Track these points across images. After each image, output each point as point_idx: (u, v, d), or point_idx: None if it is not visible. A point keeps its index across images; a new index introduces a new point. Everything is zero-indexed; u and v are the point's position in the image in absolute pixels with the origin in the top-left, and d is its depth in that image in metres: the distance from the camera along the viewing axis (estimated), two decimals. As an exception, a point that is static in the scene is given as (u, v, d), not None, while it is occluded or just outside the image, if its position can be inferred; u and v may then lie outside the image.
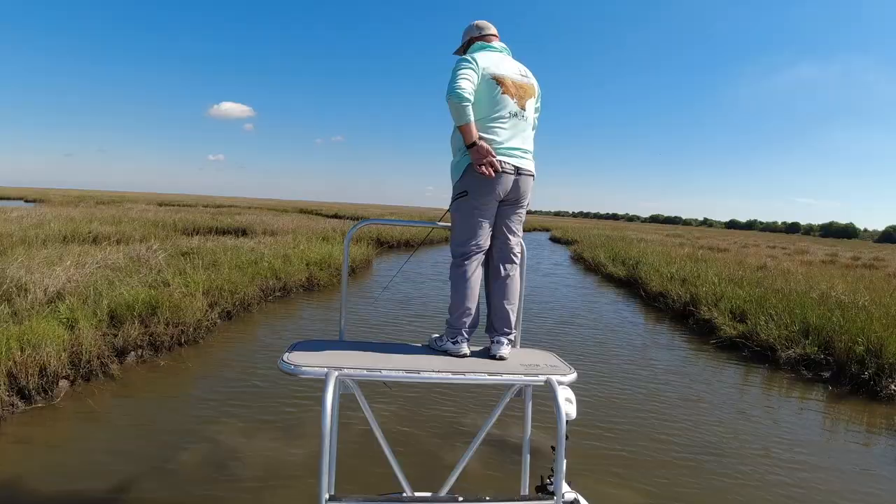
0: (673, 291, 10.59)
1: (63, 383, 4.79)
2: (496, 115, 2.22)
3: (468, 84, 2.13)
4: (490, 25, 2.45)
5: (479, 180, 2.19)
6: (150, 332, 5.66)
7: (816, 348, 7.09)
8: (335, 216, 38.61)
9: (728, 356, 7.58)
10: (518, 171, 2.26)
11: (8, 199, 45.35)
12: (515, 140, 2.26)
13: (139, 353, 5.54)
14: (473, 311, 2.28)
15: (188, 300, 6.35)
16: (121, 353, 5.36)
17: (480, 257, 2.32)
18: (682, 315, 9.88)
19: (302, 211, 45.26)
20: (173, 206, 36.99)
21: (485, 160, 2.14)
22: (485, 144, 2.15)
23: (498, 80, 2.22)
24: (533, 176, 2.34)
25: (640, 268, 14.01)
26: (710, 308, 9.02)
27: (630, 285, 13.68)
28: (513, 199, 2.31)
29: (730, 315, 8.64)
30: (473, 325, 2.30)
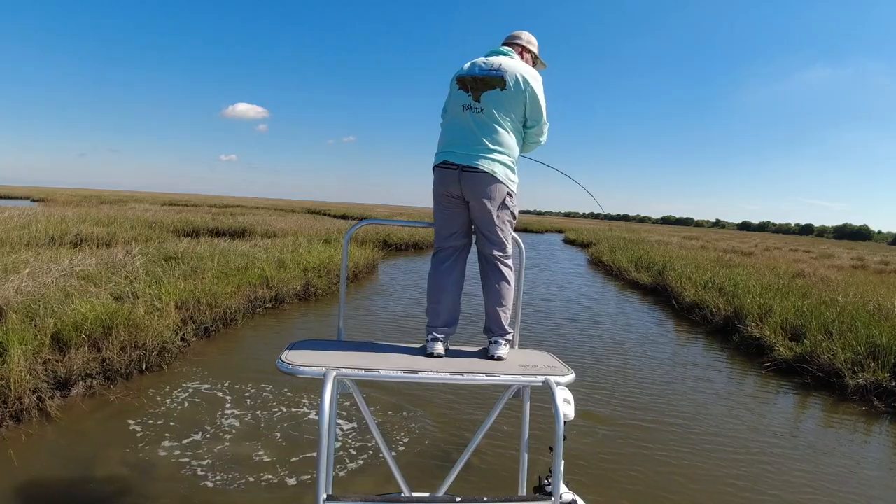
0: (710, 302, 9.49)
1: (-13, 425, 3.89)
2: (449, 113, 2.29)
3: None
4: (510, 35, 2.47)
5: (434, 179, 2.26)
6: (102, 358, 4.72)
7: (888, 374, 6.05)
8: (343, 217, 37.88)
9: (781, 381, 6.54)
10: (462, 168, 2.17)
11: (16, 197, 45.08)
12: (464, 134, 2.20)
13: (88, 384, 4.60)
14: (442, 310, 2.25)
15: (153, 317, 5.41)
16: (64, 385, 4.44)
17: (452, 254, 2.31)
18: (722, 330, 8.81)
19: (310, 211, 44.66)
20: (178, 205, 36.33)
21: None
22: None
23: (458, 81, 2.26)
24: (486, 173, 2.16)
25: (668, 274, 12.90)
26: (759, 324, 7.93)
27: (656, 293, 12.61)
28: (470, 199, 2.22)
29: (781, 332, 7.56)
30: (447, 324, 2.25)
